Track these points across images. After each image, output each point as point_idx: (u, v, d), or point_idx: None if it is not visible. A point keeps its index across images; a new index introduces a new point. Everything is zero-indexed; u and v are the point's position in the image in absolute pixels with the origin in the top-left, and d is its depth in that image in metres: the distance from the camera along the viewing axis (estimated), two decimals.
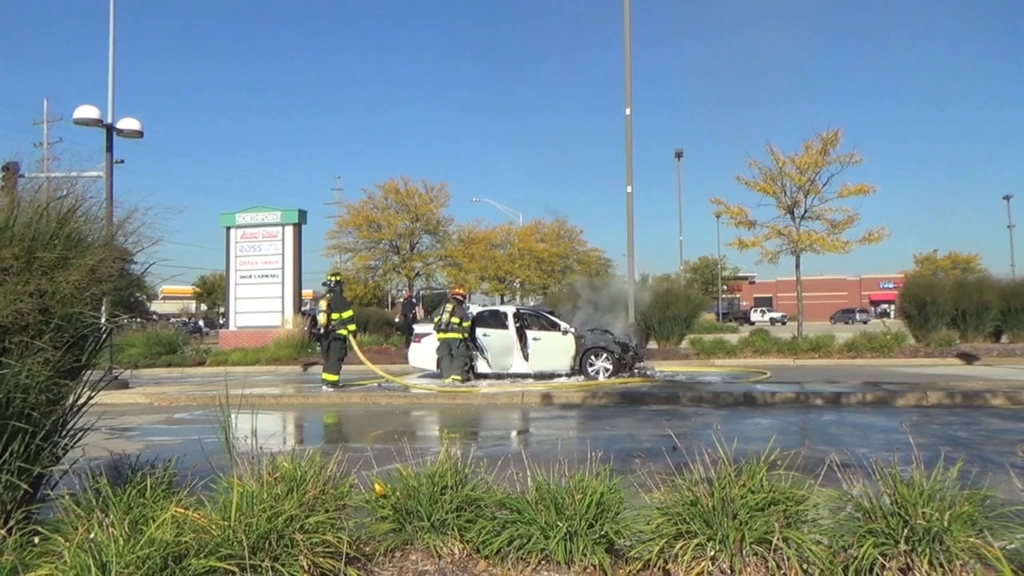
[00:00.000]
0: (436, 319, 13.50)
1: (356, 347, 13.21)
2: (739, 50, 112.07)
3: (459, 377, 12.92)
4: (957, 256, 63.85)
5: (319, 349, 14.47)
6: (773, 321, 60.89)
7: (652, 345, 20.45)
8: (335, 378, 12.56)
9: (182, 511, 3.11)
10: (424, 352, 14.30)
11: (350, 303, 14.50)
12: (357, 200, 40.30)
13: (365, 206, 38.84)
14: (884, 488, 3.17)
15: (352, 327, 12.96)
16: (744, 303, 77.57)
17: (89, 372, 3.87)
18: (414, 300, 22.46)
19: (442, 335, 13.16)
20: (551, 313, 14.71)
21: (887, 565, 2.94)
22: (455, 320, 13.08)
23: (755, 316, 65.38)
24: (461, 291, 14.14)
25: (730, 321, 61.51)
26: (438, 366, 13.83)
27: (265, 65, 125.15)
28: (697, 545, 3.08)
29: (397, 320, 22.26)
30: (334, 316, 12.57)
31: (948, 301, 20.04)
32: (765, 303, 75.79)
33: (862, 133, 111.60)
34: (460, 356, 13.07)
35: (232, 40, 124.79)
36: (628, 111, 16.51)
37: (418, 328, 15.12)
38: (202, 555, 2.83)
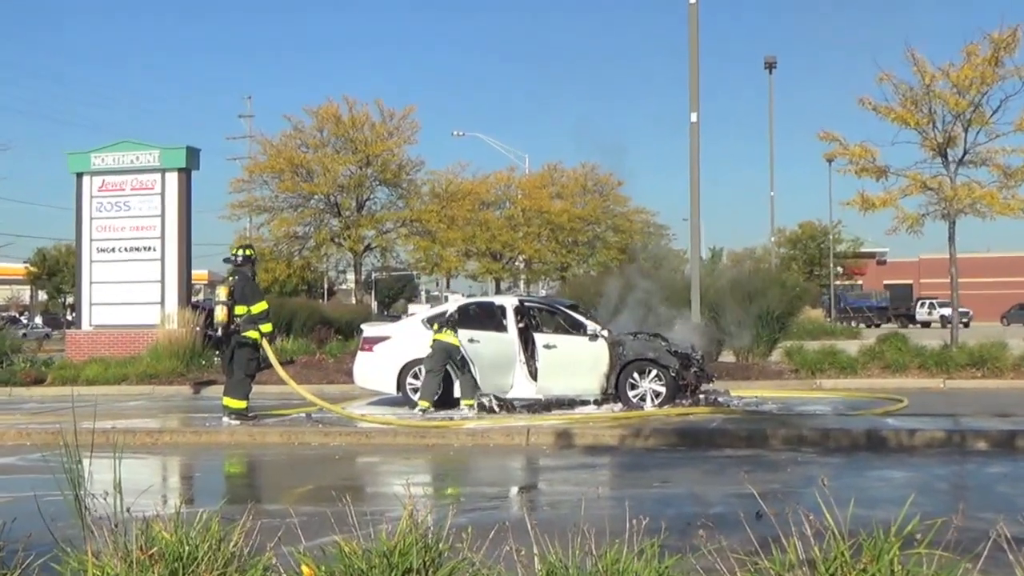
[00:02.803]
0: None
1: (273, 358, 13.25)
2: None
3: (427, 404, 13.00)
4: None
5: (218, 360, 14.51)
6: (945, 321, 60.78)
7: (727, 357, 20.50)
8: (242, 405, 12.62)
9: None
10: (377, 366, 14.32)
11: (264, 292, 14.52)
12: (277, 133, 40.23)
13: (289, 142, 38.78)
14: None
15: (266, 327, 13.00)
16: (873, 291, 77.32)
17: None
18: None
19: (438, 336, 13.19)
20: (572, 308, 14.75)
21: None
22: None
23: (921, 313, 64.26)
24: None
25: (888, 320, 61.18)
26: (399, 387, 13.90)
27: None
28: None
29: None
30: (239, 310, 12.58)
31: None
32: (903, 293, 75.55)
33: None
34: (468, 373, 13.19)
35: None
36: None
37: (369, 330, 15.13)
38: None
